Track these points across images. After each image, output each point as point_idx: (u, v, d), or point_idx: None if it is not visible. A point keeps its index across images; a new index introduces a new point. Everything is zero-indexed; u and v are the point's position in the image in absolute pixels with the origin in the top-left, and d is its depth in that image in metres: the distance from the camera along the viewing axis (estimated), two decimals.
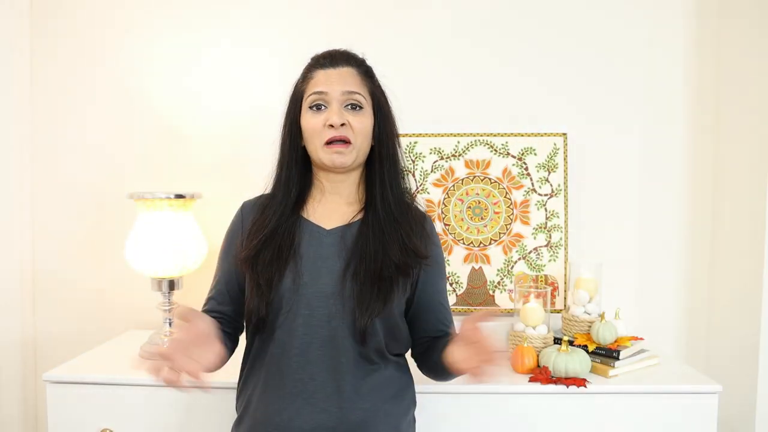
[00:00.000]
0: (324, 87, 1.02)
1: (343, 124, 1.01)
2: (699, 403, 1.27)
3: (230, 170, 1.71)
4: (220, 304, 1.11)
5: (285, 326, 1.00)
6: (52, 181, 1.74)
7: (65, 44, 1.72)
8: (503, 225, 1.63)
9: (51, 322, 1.75)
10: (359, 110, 1.04)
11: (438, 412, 1.26)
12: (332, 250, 1.04)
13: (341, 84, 1.03)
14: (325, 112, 1.02)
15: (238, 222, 1.12)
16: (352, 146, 1.02)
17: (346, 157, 1.03)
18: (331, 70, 1.04)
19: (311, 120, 1.03)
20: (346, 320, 0.99)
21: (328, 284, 1.01)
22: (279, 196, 1.07)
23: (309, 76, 1.06)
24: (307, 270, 1.01)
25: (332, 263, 1.02)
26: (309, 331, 0.99)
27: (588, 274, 1.50)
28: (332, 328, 0.99)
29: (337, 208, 1.09)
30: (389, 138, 1.09)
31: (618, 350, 1.34)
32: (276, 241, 1.03)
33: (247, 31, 1.71)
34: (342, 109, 1.02)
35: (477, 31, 1.70)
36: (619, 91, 1.70)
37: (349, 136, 1.02)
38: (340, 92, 1.02)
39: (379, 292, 1.00)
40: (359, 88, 1.04)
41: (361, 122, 1.03)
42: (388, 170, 1.08)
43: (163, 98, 1.73)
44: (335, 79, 1.03)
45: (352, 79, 1.04)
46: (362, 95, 1.04)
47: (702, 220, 1.72)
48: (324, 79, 1.03)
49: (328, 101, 1.02)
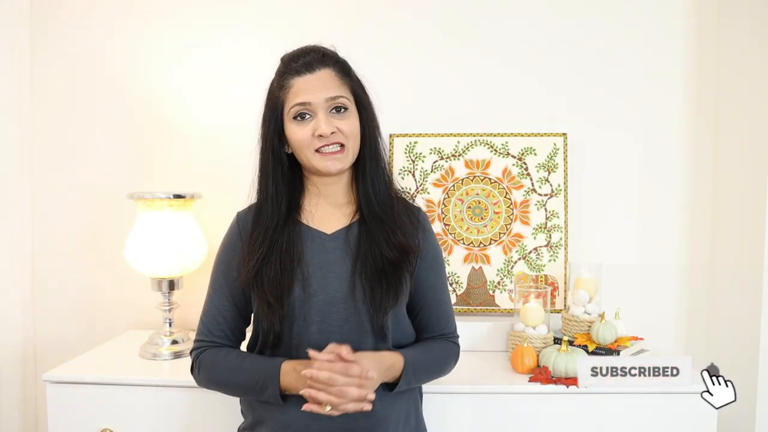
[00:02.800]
0: (306, 97, 0.99)
1: (333, 132, 1.00)
2: (699, 403, 1.27)
3: (230, 170, 1.71)
4: (219, 332, 1.07)
5: (299, 335, 1.00)
6: (52, 181, 1.74)
7: (65, 44, 1.72)
8: (503, 225, 1.63)
9: (51, 322, 1.75)
10: (345, 112, 1.02)
11: (438, 411, 1.26)
12: (337, 255, 1.03)
13: (323, 90, 1.00)
14: (312, 121, 1.00)
15: (235, 233, 1.08)
16: (346, 150, 1.02)
17: (342, 162, 1.02)
18: (309, 76, 1.00)
19: (298, 131, 1.01)
20: (360, 321, 1.00)
21: (338, 289, 1.00)
22: (269, 211, 1.04)
23: (287, 85, 1.02)
24: (315, 277, 1.01)
25: (339, 267, 1.02)
26: (323, 337, 0.99)
27: (588, 274, 1.50)
28: (346, 331, 1.00)
29: (334, 210, 1.08)
30: (371, 134, 1.07)
31: (618, 350, 1.34)
32: (277, 255, 1.01)
33: (247, 31, 1.71)
34: (328, 116, 1.00)
35: (477, 32, 1.70)
36: (619, 91, 1.70)
37: (341, 140, 1.01)
38: (323, 99, 1.00)
39: (389, 287, 1.00)
40: (341, 91, 1.02)
41: (349, 125, 1.02)
42: (369, 167, 1.06)
43: (163, 98, 1.72)
44: (316, 85, 1.00)
45: (332, 83, 1.01)
46: (345, 97, 1.02)
47: (702, 220, 1.72)
48: (304, 87, 1.00)
49: (313, 111, 1.00)
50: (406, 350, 1.04)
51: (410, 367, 1.01)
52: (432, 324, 1.11)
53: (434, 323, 1.11)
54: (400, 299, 1.03)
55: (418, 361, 1.04)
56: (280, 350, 1.02)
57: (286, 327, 1.00)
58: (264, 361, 1.00)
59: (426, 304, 1.10)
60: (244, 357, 1.03)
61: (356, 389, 0.89)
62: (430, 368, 1.08)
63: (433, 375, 1.10)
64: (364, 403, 0.90)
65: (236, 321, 1.08)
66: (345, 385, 0.89)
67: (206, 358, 1.04)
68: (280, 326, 0.99)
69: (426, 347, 1.09)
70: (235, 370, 1.00)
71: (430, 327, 1.12)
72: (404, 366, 1.01)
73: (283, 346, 1.02)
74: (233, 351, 1.05)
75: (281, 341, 1.01)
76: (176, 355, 1.46)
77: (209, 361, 1.03)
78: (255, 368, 0.99)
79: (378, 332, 1.00)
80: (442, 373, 1.12)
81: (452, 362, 1.13)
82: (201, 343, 1.07)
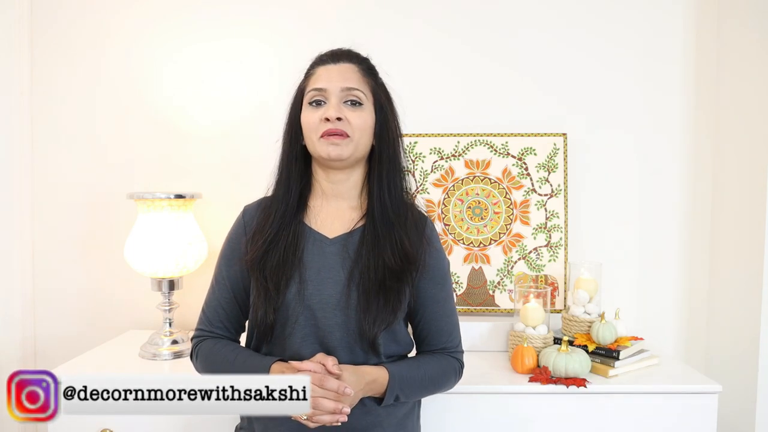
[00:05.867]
0: (323, 83, 1.01)
1: (340, 119, 0.99)
2: (699, 403, 1.27)
3: (230, 170, 1.71)
4: (219, 323, 1.08)
5: (290, 336, 1.00)
6: (52, 181, 1.74)
7: (65, 44, 1.72)
8: (503, 225, 1.63)
9: (51, 322, 1.75)
10: (359, 106, 1.02)
11: (438, 411, 1.26)
12: (335, 260, 1.03)
13: (340, 80, 1.01)
14: (324, 107, 1.01)
15: (240, 227, 1.09)
16: (349, 139, 1.00)
17: (341, 148, 1.00)
18: (332, 65, 1.03)
19: (309, 115, 1.01)
20: (352, 331, 0.99)
21: (332, 295, 1.00)
22: (280, 195, 1.06)
23: (310, 73, 1.05)
24: (312, 280, 1.01)
25: (336, 273, 1.02)
26: (315, 341, 0.99)
27: (588, 274, 1.50)
28: (337, 338, 0.99)
29: (339, 214, 1.07)
30: (390, 138, 1.06)
31: (618, 350, 1.34)
32: (281, 246, 1.02)
33: (248, 31, 1.71)
34: (341, 105, 1.01)
35: (477, 32, 1.70)
36: (619, 91, 1.70)
37: (346, 130, 1.00)
38: (339, 88, 1.00)
39: (387, 303, 0.99)
40: (359, 85, 1.02)
41: (360, 117, 1.01)
42: (387, 171, 1.05)
43: (163, 98, 1.73)
44: (335, 75, 1.02)
45: (352, 75, 1.02)
46: (362, 92, 1.02)
47: (702, 220, 1.72)
48: (324, 75, 1.02)
49: (327, 97, 1.01)
50: (395, 364, 1.02)
51: (396, 382, 1.00)
52: (431, 337, 1.09)
53: (434, 336, 1.09)
54: (398, 316, 1.02)
55: (408, 377, 1.02)
56: (273, 350, 1.02)
57: (279, 326, 1.00)
58: (256, 359, 1.00)
59: (426, 316, 1.08)
60: (239, 353, 1.03)
61: (331, 402, 0.89)
62: (423, 384, 1.05)
63: (427, 391, 1.08)
64: (339, 415, 0.90)
65: (236, 313, 1.09)
66: (321, 397, 0.89)
67: (204, 348, 1.05)
68: (274, 317, 0.99)
69: (419, 362, 1.07)
70: (228, 364, 1.00)
71: (429, 340, 1.10)
72: (389, 381, 0.99)
73: (274, 346, 1.02)
74: (230, 344, 1.05)
75: (272, 338, 1.01)
76: (176, 355, 1.47)
77: (206, 352, 1.05)
78: (246, 366, 0.99)
79: (369, 345, 0.99)
80: (439, 389, 1.09)
81: (452, 378, 1.10)
82: (201, 332, 1.08)
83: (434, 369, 1.07)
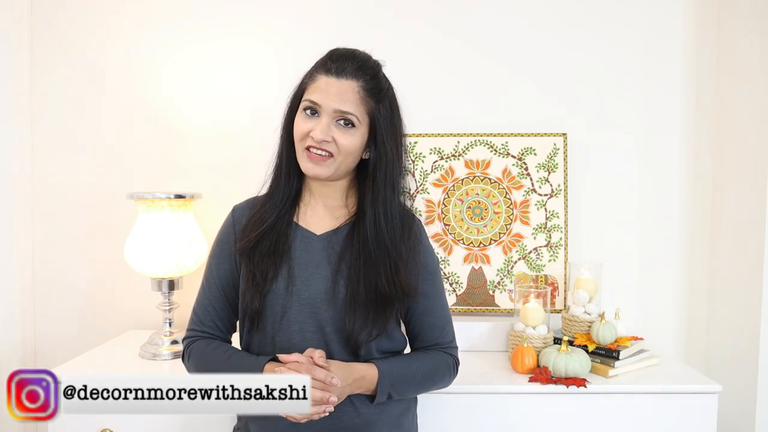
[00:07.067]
0: (319, 98, 0.98)
1: (327, 141, 0.98)
2: (699, 403, 1.27)
3: (230, 170, 1.71)
4: (210, 322, 1.08)
5: (279, 330, 1.01)
6: (52, 181, 1.74)
7: (65, 44, 1.72)
8: (503, 225, 1.63)
9: (51, 322, 1.75)
10: (351, 128, 0.99)
11: (438, 411, 1.26)
12: (322, 256, 1.04)
13: (336, 101, 0.97)
14: (315, 120, 0.99)
15: (229, 226, 1.10)
16: (332, 160, 0.99)
17: (322, 168, 1.00)
18: (334, 80, 0.98)
19: (300, 123, 1.00)
20: (338, 326, 1.00)
21: (320, 291, 1.01)
22: (278, 188, 1.06)
23: (313, 77, 1.01)
24: (300, 275, 1.02)
25: (323, 269, 1.02)
26: (304, 336, 1.00)
27: (588, 274, 1.50)
28: (326, 333, 1.00)
29: (326, 212, 1.08)
30: (388, 163, 1.02)
31: (618, 350, 1.34)
32: (272, 238, 1.03)
33: (248, 31, 1.71)
34: (331, 124, 0.99)
35: (476, 33, 1.70)
36: (619, 91, 1.71)
37: (331, 150, 0.99)
38: (332, 109, 0.97)
39: (377, 318, 1.00)
40: (355, 108, 0.98)
41: (348, 139, 0.99)
42: (384, 195, 1.03)
43: (163, 98, 1.73)
44: (333, 92, 0.98)
45: (350, 97, 0.98)
46: (356, 116, 0.99)
47: (702, 220, 1.72)
48: (324, 87, 0.98)
49: (320, 112, 0.99)
50: (385, 361, 1.02)
51: (387, 379, 1.00)
52: (424, 333, 1.09)
53: (426, 333, 1.09)
54: (388, 327, 1.03)
55: (399, 374, 1.02)
56: (262, 346, 1.03)
57: (266, 319, 1.01)
58: (249, 359, 1.00)
59: (417, 313, 1.08)
60: (231, 353, 1.03)
61: (318, 391, 0.89)
62: (416, 381, 1.05)
63: (422, 388, 1.08)
64: (325, 405, 0.90)
65: (227, 312, 1.09)
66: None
67: (196, 350, 1.05)
68: (260, 303, 1.00)
69: (411, 359, 1.07)
70: (221, 364, 1.01)
71: (421, 336, 1.10)
72: (379, 378, 0.99)
73: (263, 341, 1.02)
74: (222, 345, 1.06)
75: (260, 331, 1.02)
76: (176, 355, 1.46)
77: (198, 353, 1.04)
78: (239, 366, 0.99)
79: (352, 349, 1.00)
80: (434, 386, 1.09)
81: (447, 374, 1.10)
82: (192, 332, 1.08)
83: (427, 365, 1.07)
